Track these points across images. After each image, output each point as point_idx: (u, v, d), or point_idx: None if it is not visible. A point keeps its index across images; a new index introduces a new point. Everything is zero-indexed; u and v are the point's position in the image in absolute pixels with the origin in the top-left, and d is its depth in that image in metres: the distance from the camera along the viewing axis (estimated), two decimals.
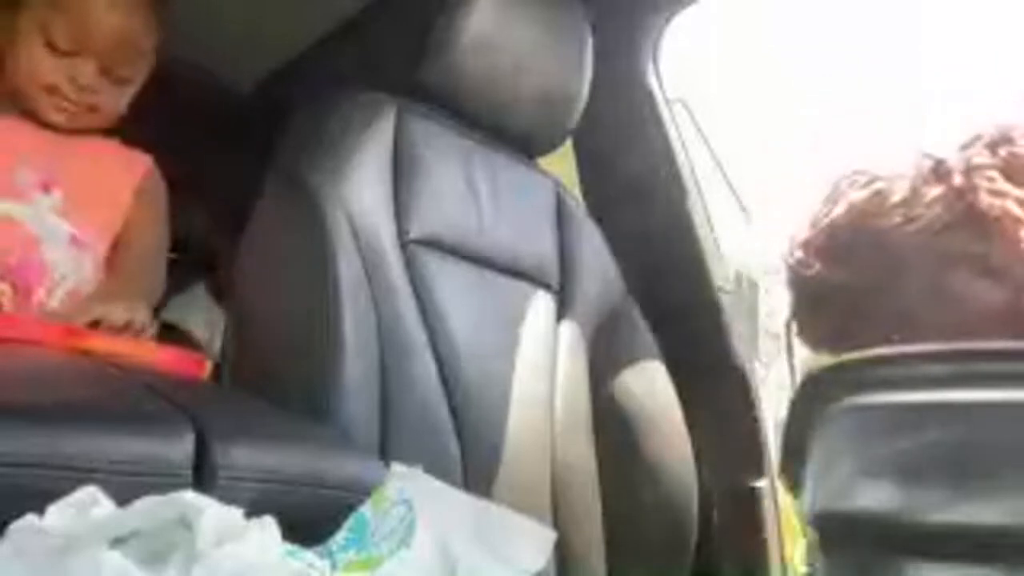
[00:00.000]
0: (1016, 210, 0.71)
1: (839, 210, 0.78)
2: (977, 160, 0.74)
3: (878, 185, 0.77)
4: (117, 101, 1.14)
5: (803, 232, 0.81)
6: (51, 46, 1.08)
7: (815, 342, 0.82)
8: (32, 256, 1.05)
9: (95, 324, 0.95)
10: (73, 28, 1.08)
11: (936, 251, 0.73)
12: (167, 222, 1.22)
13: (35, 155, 1.09)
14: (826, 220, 0.79)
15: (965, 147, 0.76)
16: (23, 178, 1.08)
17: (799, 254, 0.80)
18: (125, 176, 1.17)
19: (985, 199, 0.72)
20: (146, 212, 1.18)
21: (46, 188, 1.09)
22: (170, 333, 1.57)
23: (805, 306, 0.82)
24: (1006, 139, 0.75)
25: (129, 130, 1.19)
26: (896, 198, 0.75)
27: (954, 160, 0.75)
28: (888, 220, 0.75)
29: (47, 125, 1.11)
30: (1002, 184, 0.72)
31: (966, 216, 0.72)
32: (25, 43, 1.08)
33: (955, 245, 0.72)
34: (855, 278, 0.77)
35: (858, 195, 0.78)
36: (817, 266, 0.79)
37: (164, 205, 1.22)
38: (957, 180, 0.73)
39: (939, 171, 0.74)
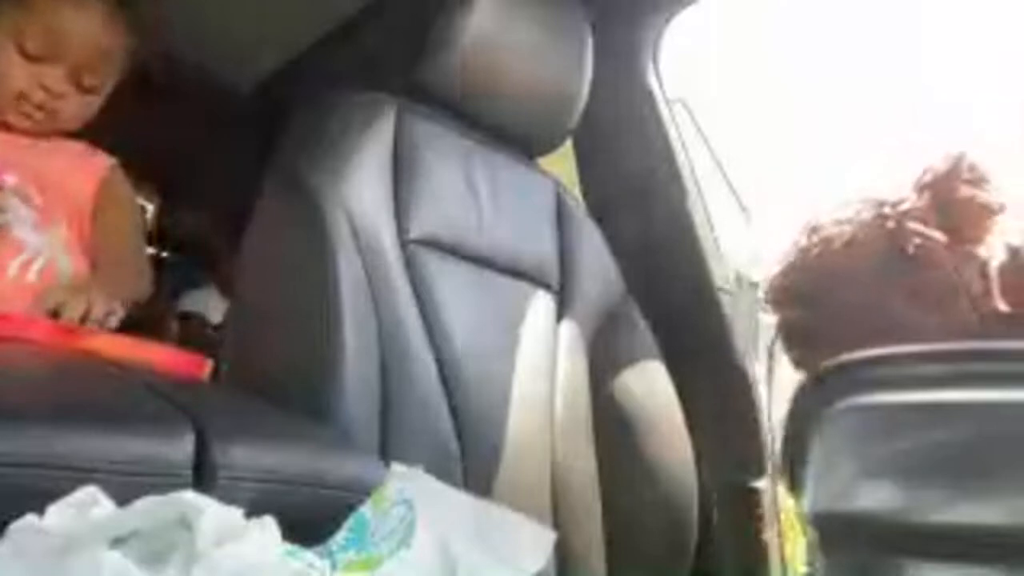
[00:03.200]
0: (938, 249, 0.80)
1: (791, 256, 0.88)
2: (908, 205, 0.83)
3: (824, 231, 0.86)
4: (81, 109, 1.15)
5: (770, 279, 0.92)
6: (23, 52, 1.09)
7: (794, 364, 0.92)
8: (2, 234, 1.06)
9: (55, 314, 0.95)
10: (45, 34, 1.09)
11: (875, 290, 0.82)
12: (138, 218, 1.24)
13: None
14: (782, 269, 0.89)
15: (918, 182, 0.84)
16: None
17: (764, 295, 0.91)
18: (85, 167, 1.18)
19: (912, 240, 0.81)
20: (114, 207, 1.18)
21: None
22: (188, 322, 1.59)
23: (781, 337, 0.92)
24: (946, 176, 0.83)
25: (129, 131, 1.20)
26: (838, 243, 0.84)
27: (889, 204, 0.84)
28: (832, 263, 0.84)
29: (9, 129, 1.13)
30: (929, 227, 0.81)
31: (898, 257, 0.81)
32: None
33: (891, 283, 0.81)
34: (807, 316, 0.87)
35: (806, 241, 0.88)
36: (777, 306, 0.90)
37: (132, 202, 1.23)
38: (890, 224, 0.82)
39: (877, 215, 0.84)
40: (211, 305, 1.65)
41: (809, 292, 0.87)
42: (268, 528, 0.56)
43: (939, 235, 0.81)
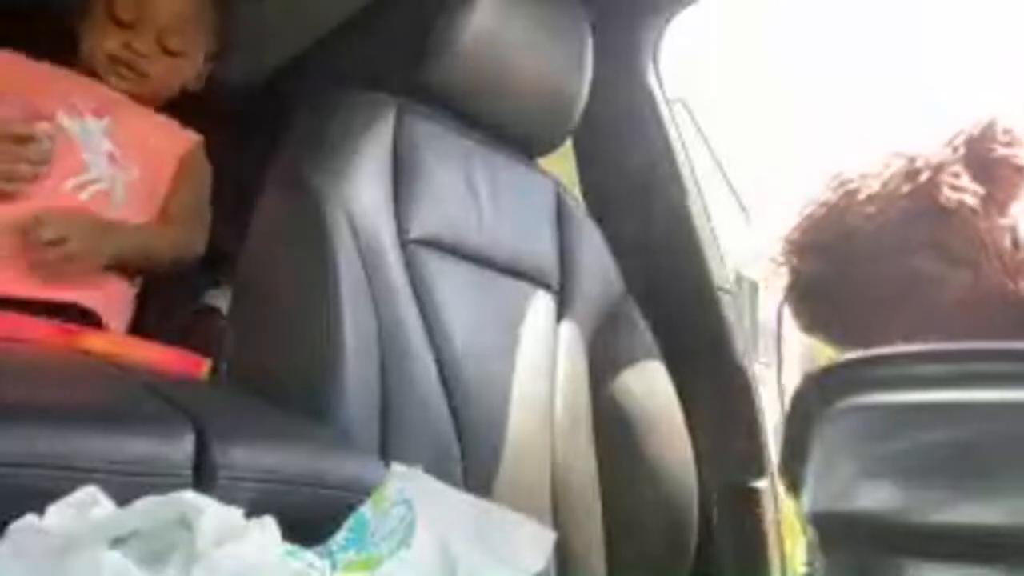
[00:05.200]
0: (972, 202, 0.77)
1: (813, 208, 0.86)
2: (943, 158, 0.80)
3: (850, 184, 0.83)
4: (169, 72, 1.29)
5: (786, 233, 0.88)
6: (115, 19, 1.24)
7: (805, 327, 0.89)
8: (69, 153, 1.15)
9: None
10: (133, 2, 1.24)
11: (901, 241, 0.79)
12: (208, 189, 1.34)
13: (95, 92, 1.23)
14: (803, 221, 0.87)
15: (950, 142, 0.82)
16: (80, 102, 1.20)
17: (781, 249, 0.88)
18: (171, 134, 1.30)
19: (945, 192, 0.78)
20: (192, 176, 1.31)
21: (98, 114, 1.21)
22: (203, 316, 1.59)
23: (791, 297, 0.89)
24: (981, 137, 0.80)
25: None
26: (864, 195, 0.82)
27: (923, 158, 0.81)
28: (857, 215, 0.82)
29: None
30: (964, 180, 0.78)
31: (929, 208, 0.78)
32: (94, 19, 1.25)
33: (918, 235, 0.78)
34: (827, 269, 0.84)
35: (831, 194, 0.85)
36: (795, 260, 0.87)
37: (208, 175, 1.34)
38: (923, 176, 0.79)
39: (909, 169, 0.81)
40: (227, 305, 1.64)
41: (830, 244, 0.84)
42: (268, 528, 0.56)
43: (977, 187, 0.78)
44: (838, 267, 0.84)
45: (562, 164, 1.37)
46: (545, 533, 0.68)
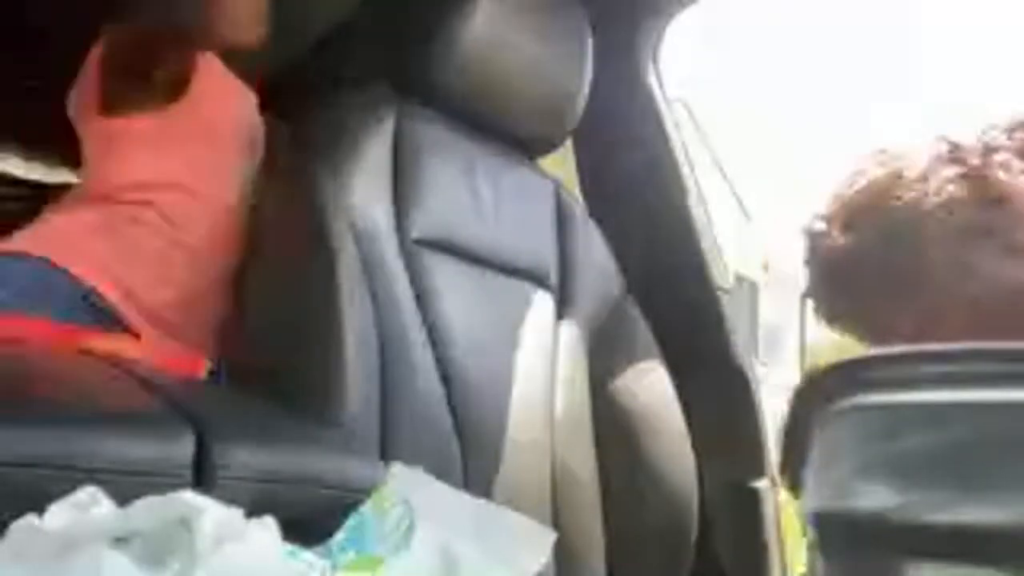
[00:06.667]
0: None
1: (858, 186, 0.81)
2: (993, 142, 0.76)
3: (896, 163, 0.79)
4: None
5: (826, 207, 0.83)
6: None
7: (831, 317, 0.84)
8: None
9: None
10: None
11: (950, 226, 0.75)
12: None
13: None
14: (845, 195, 0.81)
15: (983, 132, 0.78)
16: None
17: (820, 226, 0.82)
18: None
19: (999, 177, 0.74)
20: None
21: None
22: None
23: (822, 279, 0.84)
24: (1021, 125, 0.77)
25: None
26: (912, 175, 0.77)
27: (970, 143, 0.77)
28: (904, 195, 0.77)
29: None
30: (1017, 164, 0.74)
31: (980, 194, 0.75)
32: None
33: (969, 221, 0.74)
34: (870, 249, 0.79)
35: (876, 172, 0.80)
36: (835, 236, 0.81)
37: None
38: (973, 160, 0.75)
39: (956, 152, 0.77)
40: None
41: (869, 222, 0.79)
42: (268, 528, 0.56)
43: None
44: (882, 248, 0.79)
45: (562, 164, 1.37)
46: (545, 533, 0.68)
